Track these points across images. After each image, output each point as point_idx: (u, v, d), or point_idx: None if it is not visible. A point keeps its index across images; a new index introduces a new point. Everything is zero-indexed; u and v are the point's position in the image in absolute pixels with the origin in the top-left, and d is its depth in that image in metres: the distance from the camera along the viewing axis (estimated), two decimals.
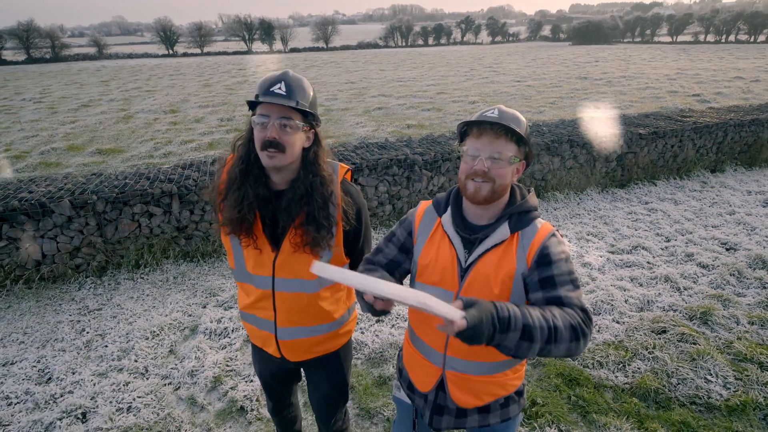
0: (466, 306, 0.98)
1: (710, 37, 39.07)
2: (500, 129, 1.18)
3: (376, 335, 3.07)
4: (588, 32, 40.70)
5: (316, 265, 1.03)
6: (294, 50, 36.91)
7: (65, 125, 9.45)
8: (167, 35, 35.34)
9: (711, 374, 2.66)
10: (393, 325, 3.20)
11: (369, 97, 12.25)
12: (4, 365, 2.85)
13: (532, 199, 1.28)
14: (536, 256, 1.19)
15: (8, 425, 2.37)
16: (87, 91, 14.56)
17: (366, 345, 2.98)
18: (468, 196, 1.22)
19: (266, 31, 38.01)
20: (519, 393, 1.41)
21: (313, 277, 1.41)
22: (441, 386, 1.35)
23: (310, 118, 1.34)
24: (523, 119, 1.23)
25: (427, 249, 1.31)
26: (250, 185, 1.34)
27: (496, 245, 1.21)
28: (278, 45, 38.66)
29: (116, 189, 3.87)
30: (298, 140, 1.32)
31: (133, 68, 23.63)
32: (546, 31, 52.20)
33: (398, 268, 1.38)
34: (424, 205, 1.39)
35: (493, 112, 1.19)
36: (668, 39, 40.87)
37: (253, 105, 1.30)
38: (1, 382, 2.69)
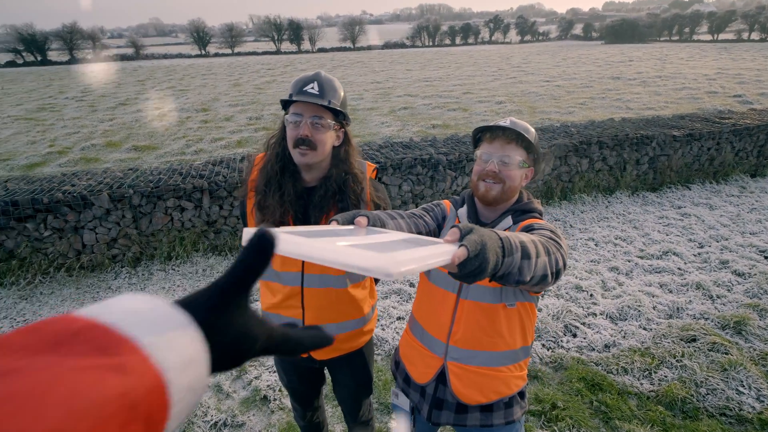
0: (463, 234, 0.83)
1: (755, 35, 37.12)
2: (511, 135, 1.28)
3: (397, 332, 3.11)
4: (622, 31, 39.43)
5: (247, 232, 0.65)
6: (321, 50, 37.38)
7: (104, 122, 9.90)
8: (200, 36, 36.45)
9: (743, 386, 2.56)
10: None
11: (395, 97, 12.29)
12: None
13: (537, 204, 1.37)
14: (522, 229, 1.24)
15: None
16: (125, 90, 15.20)
17: (386, 341, 3.01)
18: (479, 196, 1.31)
19: (295, 31, 38.63)
20: (521, 394, 1.41)
21: (341, 272, 1.44)
22: (441, 378, 1.36)
23: (340, 117, 1.39)
24: (533, 130, 1.34)
25: None
26: (287, 182, 1.40)
27: None
28: (306, 45, 39.22)
29: (151, 183, 4.05)
30: (329, 138, 1.37)
31: (167, 68, 24.48)
32: (578, 29, 50.89)
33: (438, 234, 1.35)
34: (446, 202, 1.47)
35: (505, 122, 1.31)
36: (708, 37, 39.08)
37: (286, 104, 1.36)
38: None
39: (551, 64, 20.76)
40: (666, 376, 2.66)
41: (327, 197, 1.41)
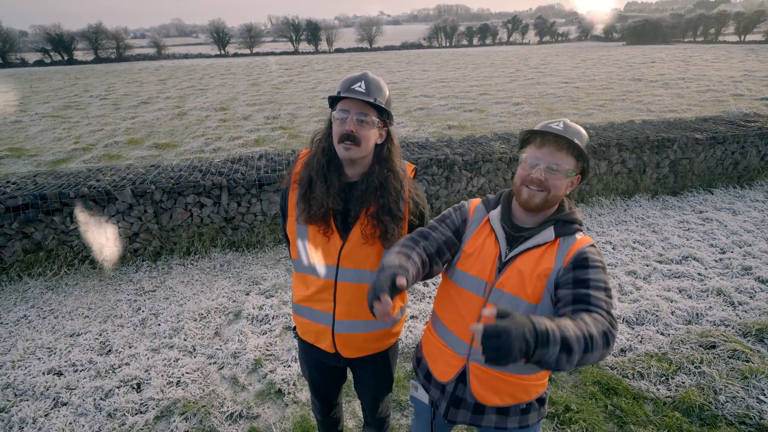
0: (499, 316, 0.92)
1: None
2: (563, 142, 1.21)
3: (410, 331, 3.12)
4: (644, 31, 38.57)
5: None
6: (338, 50, 37.56)
7: (126, 120, 10.16)
8: (220, 36, 37.03)
9: (765, 394, 2.50)
10: (427, 322, 3.23)
11: (411, 98, 12.28)
12: (71, 336, 3.15)
13: (578, 214, 1.33)
14: (573, 258, 1.21)
15: (74, 389, 2.62)
16: (146, 89, 15.55)
17: (399, 339, 3.03)
18: (521, 202, 1.26)
19: (312, 31, 38.92)
20: (541, 401, 1.39)
21: (375, 268, 1.47)
22: (462, 378, 1.35)
23: (384, 115, 1.43)
24: (586, 134, 1.26)
25: (473, 239, 1.35)
26: (332, 175, 1.44)
27: (537, 246, 1.25)
28: (323, 45, 39.48)
29: (172, 180, 4.15)
30: (372, 135, 1.41)
31: (188, 68, 24.95)
32: (598, 30, 50.01)
33: (450, 249, 1.35)
34: (476, 202, 1.45)
35: (558, 125, 1.23)
36: (735, 38, 37.94)
37: (333, 102, 1.42)
38: (69, 351, 2.98)
39: (570, 65, 20.46)
40: (683, 382, 2.62)
41: (368, 193, 1.44)
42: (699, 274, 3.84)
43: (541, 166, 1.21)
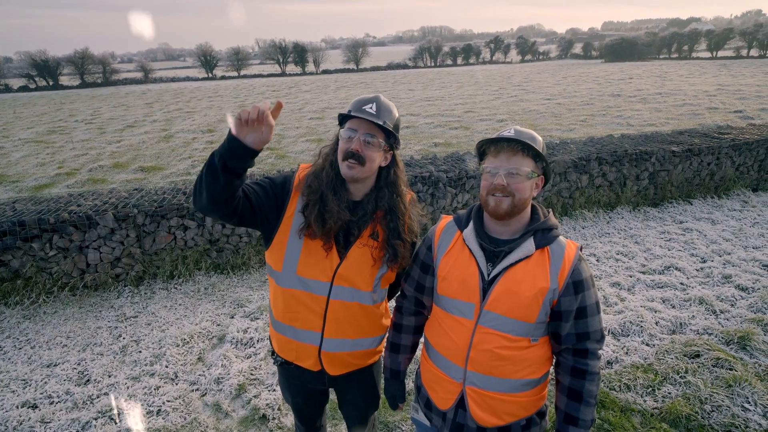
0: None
1: (753, 52, 37.47)
2: (516, 145, 1.24)
3: None
4: (621, 49, 39.96)
5: None
6: (326, 72, 38.09)
7: (112, 144, 10.10)
8: (207, 60, 37.34)
9: (749, 402, 2.52)
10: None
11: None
12: (48, 366, 3.05)
13: (553, 218, 1.34)
14: (569, 279, 1.24)
15: (49, 422, 2.53)
16: (132, 113, 15.53)
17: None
18: (489, 212, 1.27)
19: (299, 54, 39.49)
20: (541, 414, 1.39)
21: (368, 288, 1.46)
22: (461, 403, 1.33)
23: (391, 139, 1.44)
24: (539, 137, 1.29)
25: (444, 261, 1.35)
26: (341, 190, 1.43)
27: (521, 260, 1.25)
28: (311, 67, 40.02)
29: (155, 203, 4.12)
30: (377, 157, 1.41)
31: (175, 91, 25.04)
32: (577, 49, 51.65)
33: (424, 291, 1.44)
34: (445, 220, 1.44)
35: (509, 132, 1.26)
36: (707, 54, 39.47)
37: (343, 120, 1.43)
38: (45, 382, 2.88)
39: (552, 82, 21.02)
40: (670, 393, 2.62)
41: (373, 213, 1.44)
42: (681, 283, 3.89)
43: (501, 172, 1.24)
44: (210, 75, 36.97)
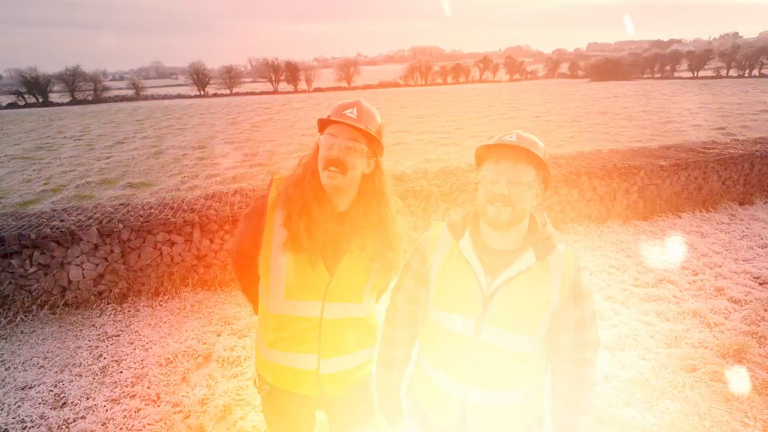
0: None
1: (732, 72, 38.78)
2: (520, 153, 1.17)
3: None
4: (606, 69, 41.09)
5: None
6: (318, 90, 38.50)
7: (100, 161, 9.99)
8: (199, 78, 37.56)
9: (748, 417, 2.47)
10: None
11: (388, 133, 12.56)
12: (23, 389, 2.90)
13: (551, 226, 1.30)
14: (569, 290, 1.21)
15: None
16: (123, 129, 15.45)
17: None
18: (488, 221, 1.20)
19: (291, 72, 39.93)
20: (539, 420, 1.36)
21: (360, 301, 1.40)
22: (462, 419, 1.29)
23: (375, 145, 1.36)
24: (541, 143, 1.22)
25: (442, 274, 1.28)
26: (325, 200, 1.35)
27: (521, 272, 1.20)
28: (303, 85, 40.42)
29: (141, 218, 4.02)
30: (359, 164, 1.33)
31: (166, 108, 25.04)
32: (564, 68, 53.02)
33: (419, 303, 1.39)
34: (438, 228, 1.37)
35: (511, 137, 1.18)
36: (689, 74, 40.74)
37: (323, 127, 1.35)
38: (18, 406, 2.73)
39: (540, 100, 21.45)
40: (668, 409, 2.56)
41: (361, 225, 1.36)
42: (674, 296, 3.87)
43: (501, 180, 1.16)
44: (202, 93, 37.12)
